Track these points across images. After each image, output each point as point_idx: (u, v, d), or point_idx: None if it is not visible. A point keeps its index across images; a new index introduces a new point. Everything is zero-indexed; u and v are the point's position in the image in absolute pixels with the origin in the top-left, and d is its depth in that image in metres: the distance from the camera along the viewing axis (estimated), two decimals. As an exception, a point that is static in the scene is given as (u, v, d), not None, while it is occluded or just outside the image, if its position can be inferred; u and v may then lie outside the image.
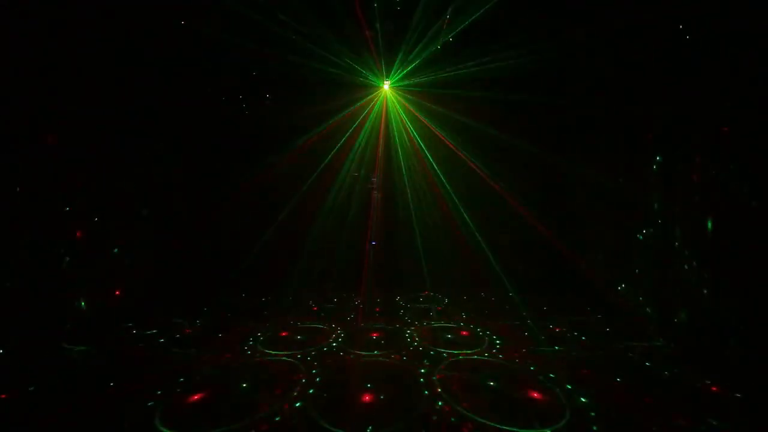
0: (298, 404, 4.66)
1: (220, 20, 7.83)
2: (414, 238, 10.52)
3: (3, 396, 4.74)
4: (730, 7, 5.28)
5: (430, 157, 10.45)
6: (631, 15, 6.98)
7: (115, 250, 7.74)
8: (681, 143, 6.32)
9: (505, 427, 4.23)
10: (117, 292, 7.84)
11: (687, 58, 6.06)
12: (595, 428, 4.27)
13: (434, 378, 5.30)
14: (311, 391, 4.97)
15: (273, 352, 6.22)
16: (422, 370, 5.51)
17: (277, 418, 4.40)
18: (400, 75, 9.91)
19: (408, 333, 7.07)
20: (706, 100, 5.70)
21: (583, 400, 4.75)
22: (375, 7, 7.43)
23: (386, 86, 10.27)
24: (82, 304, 6.95)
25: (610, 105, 8.29)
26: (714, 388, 4.97)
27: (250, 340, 6.69)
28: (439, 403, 4.68)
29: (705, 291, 5.77)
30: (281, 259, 10.15)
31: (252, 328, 7.25)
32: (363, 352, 6.21)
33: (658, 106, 6.85)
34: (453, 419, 4.38)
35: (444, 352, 6.16)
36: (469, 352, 6.20)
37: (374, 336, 6.95)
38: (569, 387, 5.04)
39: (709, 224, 5.65)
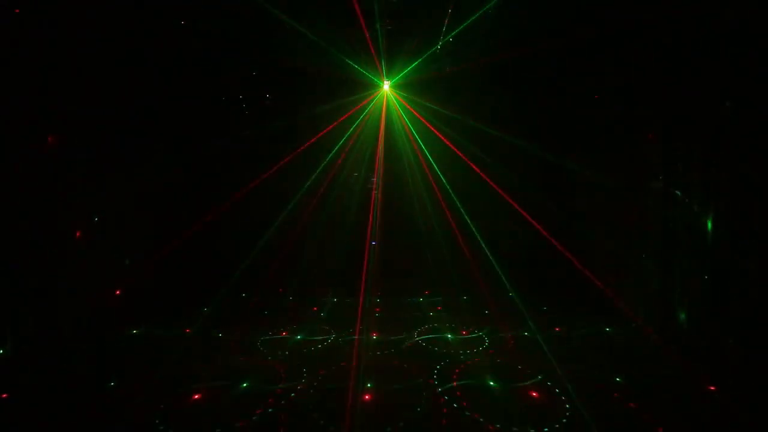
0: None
1: (221, 20, 7.83)
2: (414, 238, 10.51)
3: (4, 396, 4.74)
4: (730, 7, 5.28)
5: (429, 156, 10.45)
6: (631, 15, 6.97)
7: (127, 261, 7.81)
8: (681, 143, 6.32)
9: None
10: (117, 292, 7.84)
11: (687, 58, 6.06)
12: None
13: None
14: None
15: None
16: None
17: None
18: (400, 75, 9.90)
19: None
20: (706, 100, 5.70)
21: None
22: (375, 8, 7.42)
23: (386, 86, 10.27)
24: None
25: (611, 105, 8.29)
26: (712, 387, 4.97)
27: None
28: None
29: (705, 291, 5.77)
30: (281, 259, 10.14)
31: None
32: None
33: (658, 106, 6.85)
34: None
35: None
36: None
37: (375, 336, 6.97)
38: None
39: (709, 224, 5.65)
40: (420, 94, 10.27)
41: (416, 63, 9.36)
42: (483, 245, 9.80)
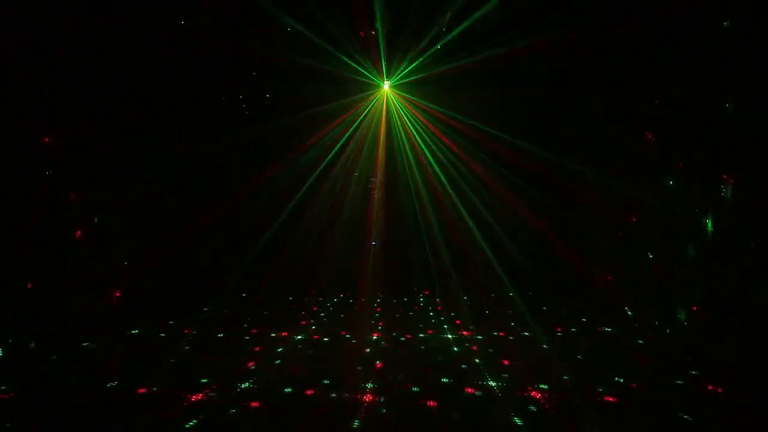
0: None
1: (221, 20, 7.83)
2: (415, 238, 10.52)
3: (4, 396, 4.73)
4: (730, 7, 5.28)
5: (429, 156, 10.46)
6: (630, 13, 6.97)
7: (125, 262, 7.82)
8: (681, 143, 6.33)
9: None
10: (117, 293, 7.84)
11: (687, 57, 6.06)
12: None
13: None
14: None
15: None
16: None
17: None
18: (400, 75, 9.91)
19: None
20: (706, 100, 5.70)
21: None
22: (375, 8, 7.43)
23: (386, 86, 10.27)
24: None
25: (610, 104, 8.29)
26: (719, 390, 4.97)
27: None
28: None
29: (705, 291, 5.78)
30: (280, 258, 10.16)
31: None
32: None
33: (657, 104, 6.85)
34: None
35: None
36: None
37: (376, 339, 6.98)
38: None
39: (709, 224, 5.66)
40: (420, 93, 10.29)
41: (416, 63, 9.37)
42: (483, 244, 9.81)
